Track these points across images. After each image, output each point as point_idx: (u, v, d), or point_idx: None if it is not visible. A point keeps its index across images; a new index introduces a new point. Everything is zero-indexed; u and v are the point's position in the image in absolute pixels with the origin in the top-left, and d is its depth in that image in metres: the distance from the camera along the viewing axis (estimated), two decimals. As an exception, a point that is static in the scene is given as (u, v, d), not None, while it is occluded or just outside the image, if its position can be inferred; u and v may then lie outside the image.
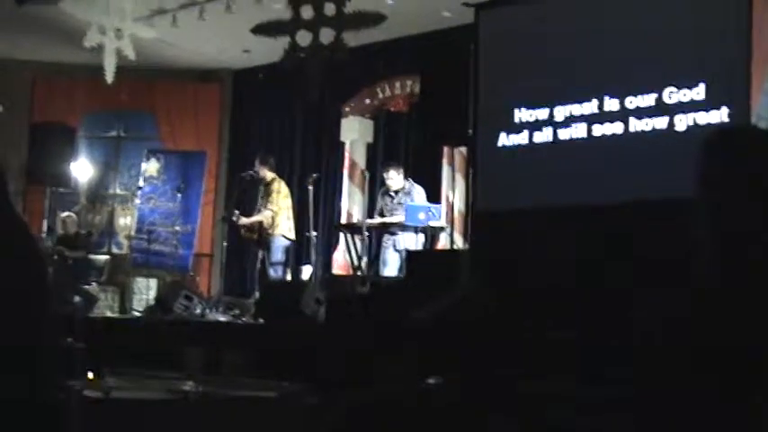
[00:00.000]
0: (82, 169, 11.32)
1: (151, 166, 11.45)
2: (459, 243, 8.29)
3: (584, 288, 5.31)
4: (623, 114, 6.09)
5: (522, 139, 6.58)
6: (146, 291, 9.98)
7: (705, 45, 5.76)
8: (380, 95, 10.71)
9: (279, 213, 9.06)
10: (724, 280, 1.65)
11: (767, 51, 7.06)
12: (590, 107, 6.24)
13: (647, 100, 5.98)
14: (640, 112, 6.02)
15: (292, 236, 9.26)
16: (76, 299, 8.79)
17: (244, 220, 9.06)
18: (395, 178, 8.66)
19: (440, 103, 7.08)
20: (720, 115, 5.67)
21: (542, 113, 6.45)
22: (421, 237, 8.27)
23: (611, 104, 6.14)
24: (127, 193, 11.79)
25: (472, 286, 3.32)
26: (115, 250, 11.61)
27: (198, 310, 8.21)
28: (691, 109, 5.80)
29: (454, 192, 7.71)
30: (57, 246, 10.02)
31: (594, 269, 5.54)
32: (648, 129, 5.99)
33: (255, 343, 6.78)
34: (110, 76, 9.48)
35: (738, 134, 1.85)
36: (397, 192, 8.66)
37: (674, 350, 1.65)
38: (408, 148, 10.27)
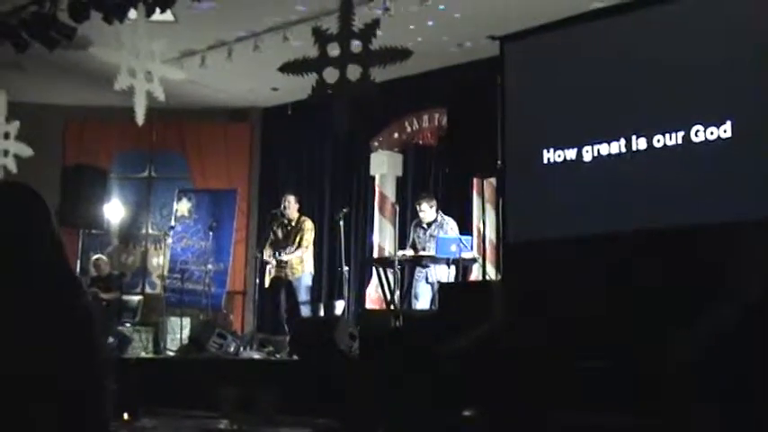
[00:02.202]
0: (114, 210, 11.44)
1: (183, 206, 11.55)
2: (492, 274, 8.24)
3: (616, 317, 5.25)
4: (650, 154, 5.87)
5: (550, 170, 6.49)
6: (179, 330, 10.01)
7: (731, 81, 5.57)
8: (409, 129, 10.75)
9: (307, 251, 9.13)
10: None
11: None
12: (617, 146, 6.04)
13: (675, 138, 5.77)
14: (667, 152, 5.81)
15: (313, 273, 9.38)
16: (110, 340, 8.84)
17: (285, 257, 9.08)
18: (427, 210, 8.63)
19: (467, 134, 7.04)
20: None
21: (570, 153, 6.31)
22: (453, 269, 8.24)
23: (639, 143, 5.93)
24: (159, 233, 11.89)
25: (505, 317, 3.30)
26: (149, 290, 11.69)
27: (232, 348, 8.21)
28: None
29: (485, 223, 7.66)
30: (91, 287, 10.12)
31: (621, 298, 5.48)
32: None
33: (290, 380, 6.76)
34: (140, 118, 9.57)
35: None
36: (429, 224, 8.65)
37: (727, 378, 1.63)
38: (438, 180, 10.29)
